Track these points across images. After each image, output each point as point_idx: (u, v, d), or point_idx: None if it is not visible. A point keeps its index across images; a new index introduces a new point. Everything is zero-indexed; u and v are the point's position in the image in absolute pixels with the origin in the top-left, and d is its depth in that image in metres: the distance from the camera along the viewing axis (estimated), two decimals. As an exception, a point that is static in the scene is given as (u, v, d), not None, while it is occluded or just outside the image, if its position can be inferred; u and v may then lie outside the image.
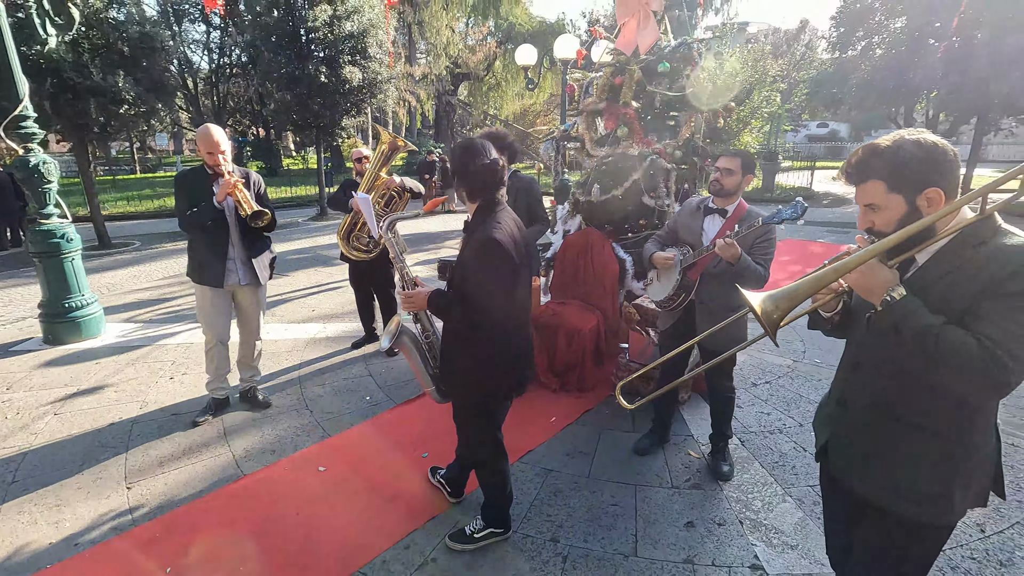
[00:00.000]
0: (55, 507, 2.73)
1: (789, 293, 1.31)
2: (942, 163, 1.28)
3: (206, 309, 3.42)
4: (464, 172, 2.00)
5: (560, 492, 2.83)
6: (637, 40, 3.94)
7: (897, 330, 1.26)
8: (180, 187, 3.29)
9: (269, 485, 2.89)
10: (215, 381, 3.60)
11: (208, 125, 3.21)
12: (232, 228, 3.33)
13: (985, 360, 1.16)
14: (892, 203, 1.33)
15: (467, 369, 2.11)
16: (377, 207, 4.11)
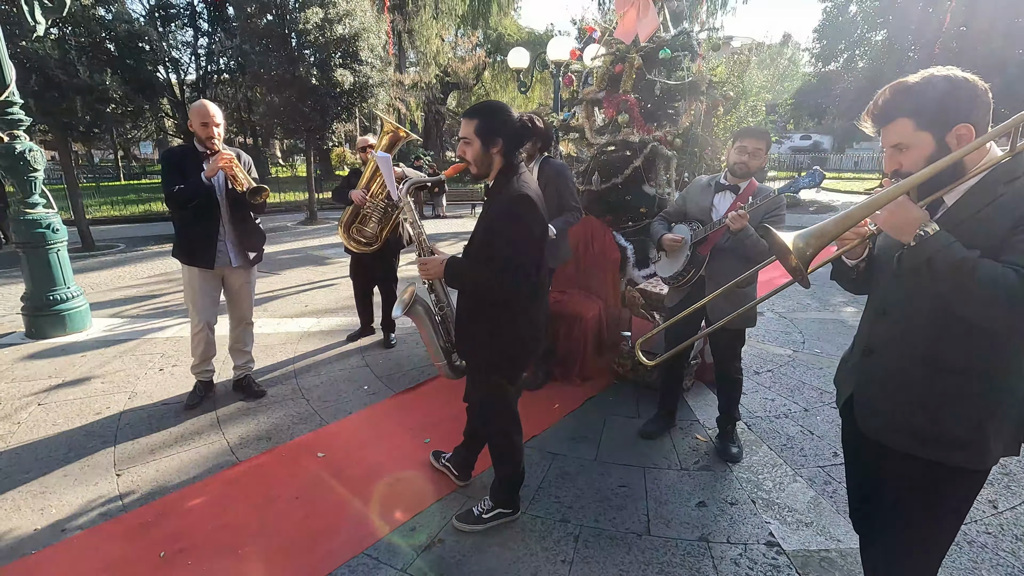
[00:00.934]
0: (40, 494, 2.60)
1: (819, 231, 1.28)
2: (973, 98, 1.24)
3: (194, 291, 3.31)
4: (497, 124, 1.94)
5: (567, 474, 2.76)
6: (637, 29, 3.95)
7: (931, 265, 1.21)
8: (168, 163, 3.16)
9: (266, 470, 2.79)
10: (201, 364, 3.50)
11: (203, 99, 3.13)
12: (223, 207, 3.22)
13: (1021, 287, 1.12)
14: (921, 142, 1.29)
15: (485, 338, 2.05)
16: (377, 199, 4.05)
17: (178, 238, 3.28)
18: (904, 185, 1.21)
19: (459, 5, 24.57)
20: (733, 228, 2.44)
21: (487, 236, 1.94)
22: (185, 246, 3.24)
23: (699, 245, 2.69)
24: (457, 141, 2.06)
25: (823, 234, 1.28)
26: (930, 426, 1.35)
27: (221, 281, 3.41)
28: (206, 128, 3.09)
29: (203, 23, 19.55)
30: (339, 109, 12.02)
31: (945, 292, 1.24)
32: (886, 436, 1.45)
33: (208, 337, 3.43)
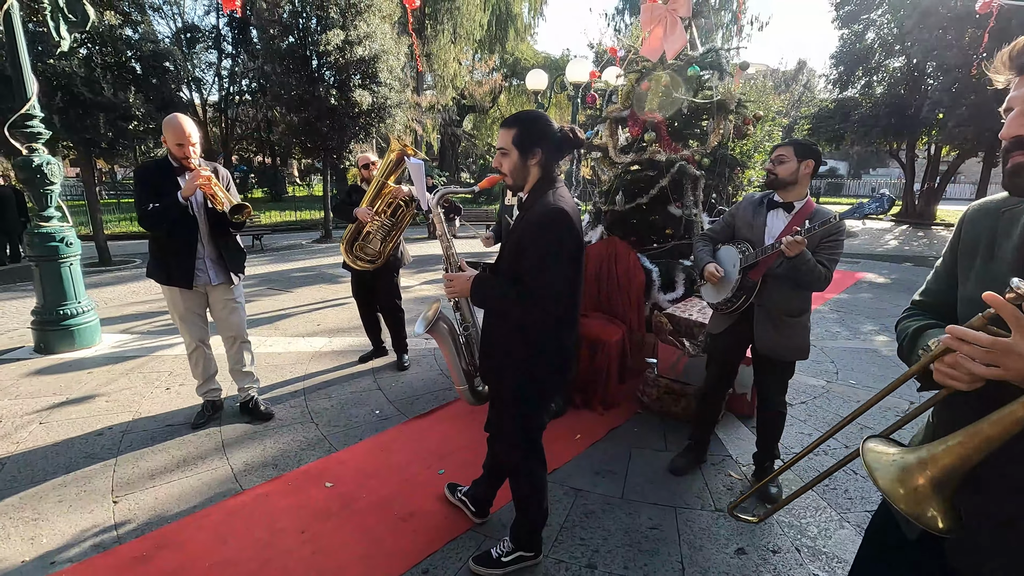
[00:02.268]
0: (32, 521, 2.45)
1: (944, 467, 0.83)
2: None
3: (179, 312, 3.17)
4: (536, 134, 1.82)
5: (592, 513, 2.56)
6: (664, 46, 3.85)
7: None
8: (141, 180, 2.97)
9: (271, 501, 2.62)
10: (204, 384, 3.38)
11: (176, 114, 2.94)
12: (201, 224, 3.07)
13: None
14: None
15: (511, 363, 1.88)
16: (383, 217, 3.95)
17: (153, 257, 3.11)
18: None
19: (477, 30, 24.96)
20: (789, 254, 2.24)
21: (517, 252, 1.79)
22: (162, 266, 3.07)
23: (750, 270, 2.48)
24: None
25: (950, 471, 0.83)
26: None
27: (206, 299, 3.26)
28: (181, 148, 2.92)
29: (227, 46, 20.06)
30: (357, 129, 12.10)
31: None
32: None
33: (205, 354, 3.31)
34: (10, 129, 4.26)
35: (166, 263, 3.06)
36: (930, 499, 0.82)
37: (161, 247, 3.06)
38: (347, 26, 11.18)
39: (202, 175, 2.90)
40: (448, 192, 2.08)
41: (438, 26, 22.48)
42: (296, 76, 11.46)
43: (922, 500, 0.83)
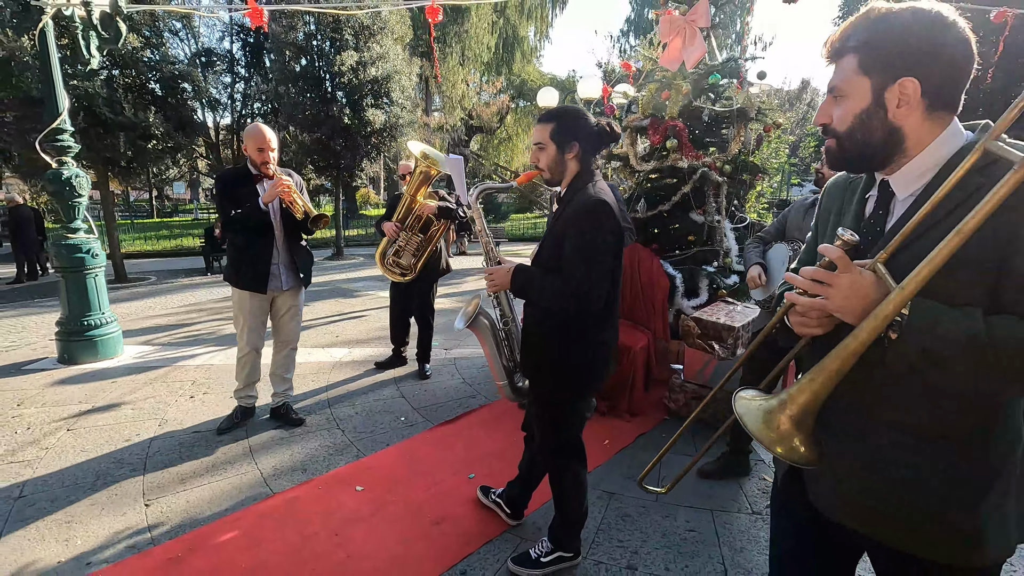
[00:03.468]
0: (65, 524, 2.44)
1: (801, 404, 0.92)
2: (929, 42, 0.90)
3: (244, 315, 3.23)
4: (574, 127, 1.84)
5: (628, 516, 2.52)
6: (683, 56, 3.91)
7: (929, 358, 0.85)
8: (223, 187, 3.15)
9: (302, 504, 2.60)
10: (244, 389, 3.39)
11: (258, 123, 3.15)
12: (277, 231, 3.19)
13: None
14: (857, 91, 0.97)
15: (552, 356, 1.88)
16: (411, 233, 4.00)
17: (232, 263, 3.22)
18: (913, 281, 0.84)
19: (484, 53, 25.44)
20: None
21: (558, 243, 1.80)
22: (240, 270, 3.16)
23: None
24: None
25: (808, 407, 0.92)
26: (904, 510, 0.98)
27: (270, 305, 3.32)
28: (262, 153, 3.09)
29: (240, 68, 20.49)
30: (369, 148, 12.27)
31: (962, 382, 0.88)
32: (847, 519, 1.06)
33: (255, 362, 3.34)
34: (41, 143, 4.35)
35: (243, 268, 3.15)
36: (793, 435, 0.91)
37: (239, 252, 3.16)
38: (360, 47, 11.40)
39: (283, 182, 3.01)
40: (487, 188, 2.10)
41: (447, 49, 22.96)
42: (310, 96, 11.67)
43: (786, 437, 0.92)
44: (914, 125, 0.95)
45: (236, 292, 3.20)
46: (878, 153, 0.99)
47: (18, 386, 4.11)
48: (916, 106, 0.93)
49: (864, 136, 0.98)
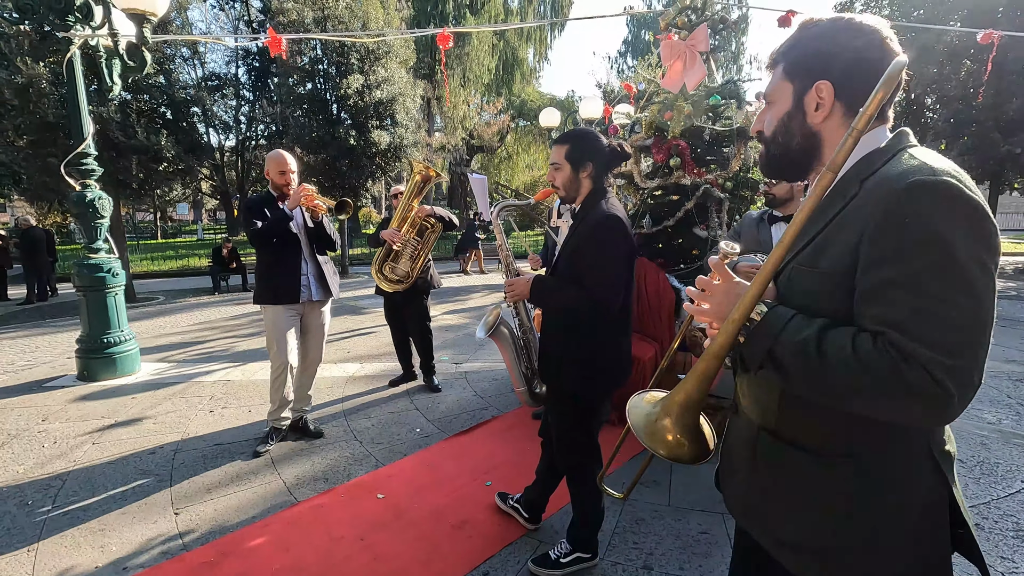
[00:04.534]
0: (99, 531, 2.53)
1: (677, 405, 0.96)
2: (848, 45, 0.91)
3: (279, 332, 3.30)
4: (588, 149, 1.98)
5: (642, 520, 2.61)
6: (684, 79, 4.08)
7: (775, 361, 0.87)
8: (249, 210, 3.29)
9: (327, 511, 2.69)
10: (278, 410, 3.43)
11: (279, 149, 3.33)
12: (304, 243, 3.34)
13: (887, 361, 0.76)
14: (782, 95, 1.00)
15: (569, 362, 2.00)
16: (409, 235, 4.12)
17: (262, 280, 3.33)
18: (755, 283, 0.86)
19: (485, 75, 25.94)
20: None
21: (575, 256, 1.93)
22: (271, 286, 3.28)
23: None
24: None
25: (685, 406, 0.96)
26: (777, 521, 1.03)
27: (300, 320, 3.44)
28: (283, 176, 3.27)
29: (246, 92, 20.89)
30: (374, 168, 12.50)
31: (804, 393, 0.90)
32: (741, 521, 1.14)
33: (286, 380, 3.39)
34: (66, 167, 4.51)
35: (274, 283, 3.27)
36: (672, 434, 0.95)
37: (269, 267, 3.29)
38: (366, 71, 11.70)
39: (305, 187, 3.21)
40: (507, 205, 2.24)
41: (448, 71, 23.38)
42: (316, 119, 11.94)
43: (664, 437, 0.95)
44: (831, 130, 0.96)
45: (268, 310, 3.30)
46: (798, 158, 1.01)
47: (41, 403, 4.21)
48: (833, 110, 0.94)
49: (785, 139, 1.00)
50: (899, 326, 0.77)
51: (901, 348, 0.76)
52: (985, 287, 0.77)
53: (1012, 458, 3.20)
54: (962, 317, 0.75)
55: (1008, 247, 20.11)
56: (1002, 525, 2.54)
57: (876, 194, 0.84)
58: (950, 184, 0.78)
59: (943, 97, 12.76)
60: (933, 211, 0.77)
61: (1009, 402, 4.13)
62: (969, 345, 0.75)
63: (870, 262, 0.81)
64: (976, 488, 2.87)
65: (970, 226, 0.77)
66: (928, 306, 0.76)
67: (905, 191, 0.79)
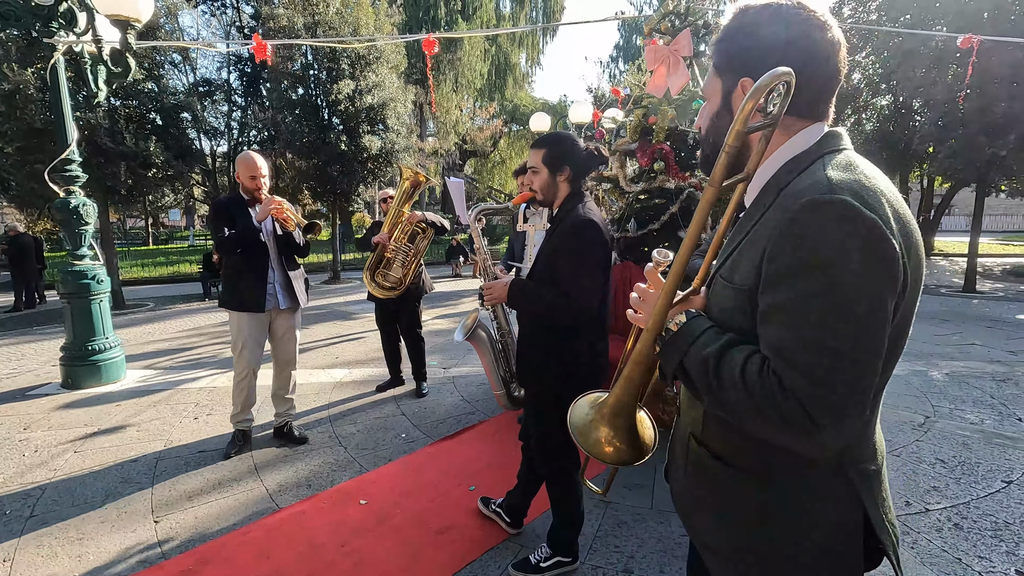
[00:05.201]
0: (77, 540, 2.51)
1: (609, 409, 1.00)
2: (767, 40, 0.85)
3: (244, 338, 3.30)
4: (564, 152, 1.99)
5: (624, 523, 2.61)
6: (668, 83, 4.11)
7: (685, 373, 0.88)
8: (218, 213, 3.24)
9: (309, 518, 2.68)
10: (242, 413, 3.44)
11: (249, 151, 3.29)
12: (272, 252, 3.31)
13: (766, 391, 0.75)
14: (713, 92, 0.96)
15: (546, 364, 2.00)
16: (401, 242, 4.11)
17: (228, 286, 3.31)
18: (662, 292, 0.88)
19: (477, 80, 26.02)
20: None
21: (552, 259, 1.94)
22: (237, 292, 3.26)
23: None
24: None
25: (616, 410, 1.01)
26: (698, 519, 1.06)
27: (268, 326, 3.42)
28: (254, 180, 3.23)
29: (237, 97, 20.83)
30: (365, 173, 12.49)
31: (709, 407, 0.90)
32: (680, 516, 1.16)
33: (252, 383, 3.40)
34: (50, 173, 4.49)
35: (239, 289, 3.24)
36: (604, 435, 1.00)
37: (237, 273, 3.25)
38: (357, 76, 11.70)
39: (275, 200, 3.17)
40: (485, 209, 2.24)
41: (440, 76, 23.45)
42: (308, 124, 11.92)
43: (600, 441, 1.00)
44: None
45: (234, 315, 3.28)
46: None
47: (23, 411, 4.17)
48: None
49: (715, 139, 0.94)
50: (781, 353, 0.75)
51: (781, 376, 0.74)
52: (872, 314, 0.73)
53: (993, 458, 3.23)
54: (841, 346, 0.72)
55: (996, 248, 20.32)
56: (980, 524, 2.56)
57: (779, 210, 0.80)
58: (845, 203, 0.73)
59: (930, 100, 12.88)
60: (823, 233, 0.73)
61: (992, 402, 4.17)
62: (843, 376, 0.72)
63: (766, 283, 0.79)
64: (956, 488, 2.89)
65: (863, 249, 0.72)
66: (807, 334, 0.73)
67: (799, 210, 0.75)
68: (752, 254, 0.83)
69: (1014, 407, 4.05)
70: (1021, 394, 4.35)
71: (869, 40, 15.77)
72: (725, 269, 0.90)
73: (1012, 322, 7.45)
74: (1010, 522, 2.58)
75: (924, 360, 5.35)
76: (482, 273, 2.17)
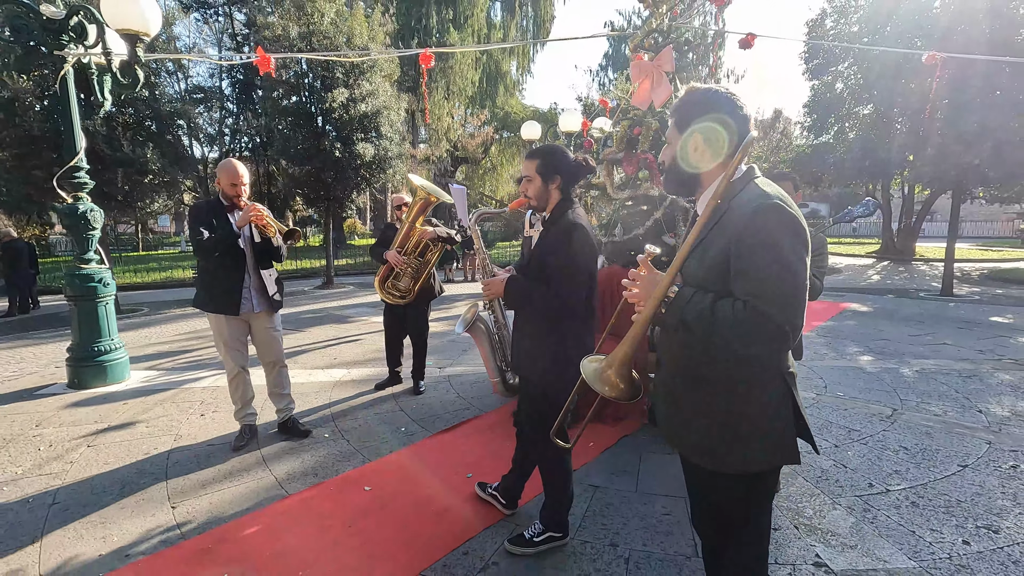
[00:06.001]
0: (100, 524, 2.68)
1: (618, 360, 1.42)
2: (708, 109, 1.38)
3: (224, 337, 3.44)
4: (556, 163, 2.22)
5: (611, 504, 2.83)
6: (652, 96, 4.36)
7: (684, 324, 1.31)
8: (196, 217, 3.34)
9: (317, 503, 2.87)
10: (243, 408, 3.61)
11: (230, 159, 3.41)
12: (248, 257, 3.42)
13: (751, 317, 1.21)
14: (673, 139, 1.47)
15: (539, 355, 2.22)
16: (411, 258, 4.33)
17: (203, 288, 3.40)
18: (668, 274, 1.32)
19: (468, 87, 26.29)
20: None
21: (543, 259, 2.17)
22: (211, 295, 3.36)
23: None
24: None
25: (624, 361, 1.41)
26: (685, 431, 1.49)
27: (248, 327, 3.56)
28: (235, 187, 3.34)
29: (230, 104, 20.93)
30: (359, 180, 12.67)
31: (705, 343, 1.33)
32: (670, 441, 1.60)
33: (244, 379, 3.56)
34: (59, 180, 4.65)
35: (215, 293, 3.37)
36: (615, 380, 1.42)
37: (212, 277, 3.38)
38: (350, 85, 11.91)
39: (255, 207, 3.30)
40: (485, 212, 2.47)
41: (432, 84, 23.68)
42: (302, 131, 12.09)
43: (610, 382, 1.42)
44: (704, 165, 1.42)
45: (212, 317, 3.41)
46: (687, 182, 1.48)
47: (33, 409, 4.31)
48: (704, 152, 1.40)
49: (675, 171, 1.47)
50: (759, 295, 1.23)
51: (757, 308, 1.22)
52: (801, 264, 1.25)
53: (952, 445, 3.49)
54: (790, 288, 1.23)
55: (975, 254, 20.85)
56: (935, 503, 2.80)
57: (737, 212, 1.31)
58: (779, 206, 1.27)
59: (907, 111, 13.32)
60: (767, 223, 1.26)
61: (956, 396, 4.44)
62: (795, 301, 1.23)
63: (737, 255, 1.29)
64: (916, 472, 3.14)
65: (791, 231, 1.26)
66: (770, 283, 1.23)
67: (752, 212, 1.27)
68: (719, 243, 1.31)
69: (976, 400, 4.33)
70: (984, 389, 4.64)
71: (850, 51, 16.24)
72: (698, 253, 1.38)
73: (984, 323, 7.78)
74: (962, 500, 2.82)
75: (897, 359, 5.63)
76: (481, 270, 2.39)
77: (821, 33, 17.87)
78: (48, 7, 4.45)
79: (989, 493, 2.89)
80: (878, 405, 4.24)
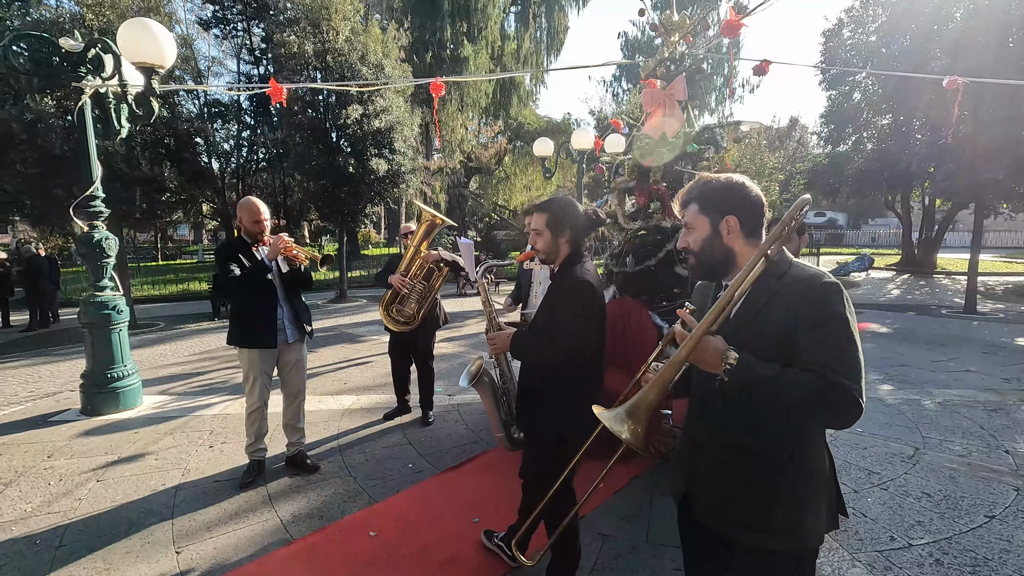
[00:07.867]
0: (104, 571, 2.67)
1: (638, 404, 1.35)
2: (738, 196, 1.47)
3: (254, 373, 3.47)
4: (565, 218, 2.19)
5: (620, 556, 2.75)
6: (664, 126, 4.31)
7: (748, 394, 1.32)
8: (224, 258, 3.40)
9: (321, 549, 2.83)
10: (255, 443, 3.61)
11: (250, 197, 3.47)
12: (279, 288, 3.49)
13: (824, 387, 1.25)
14: (700, 225, 1.51)
15: (544, 412, 2.17)
16: (416, 281, 4.30)
17: (237, 325, 3.46)
18: (700, 329, 1.32)
19: (482, 99, 26.45)
20: None
21: (551, 314, 2.12)
22: (248, 330, 3.43)
23: None
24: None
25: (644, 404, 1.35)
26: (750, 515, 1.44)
27: (276, 359, 3.59)
28: (257, 224, 3.43)
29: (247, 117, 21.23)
30: (372, 194, 12.75)
31: (767, 409, 1.35)
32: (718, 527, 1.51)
33: (264, 415, 3.58)
34: (75, 209, 4.71)
35: (250, 327, 3.42)
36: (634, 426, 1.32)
37: (248, 313, 3.43)
38: (365, 101, 12.00)
39: (283, 238, 3.37)
40: (493, 265, 2.43)
41: (446, 95, 23.83)
42: (317, 147, 12.21)
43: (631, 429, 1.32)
44: (739, 247, 1.48)
45: (244, 352, 3.46)
46: (719, 265, 1.51)
47: (46, 438, 4.35)
48: (738, 234, 1.47)
49: (709, 254, 1.51)
50: (825, 365, 1.28)
51: (827, 379, 1.26)
52: (856, 335, 1.32)
53: (977, 491, 3.35)
54: (856, 358, 1.30)
55: (998, 267, 20.35)
56: (960, 560, 2.68)
57: (797, 288, 1.36)
58: (838, 284, 1.36)
59: (927, 124, 13.09)
60: (833, 298, 1.33)
61: (981, 433, 4.29)
62: (860, 373, 1.29)
63: (806, 328, 1.33)
64: (940, 523, 3.02)
65: (847, 304, 1.34)
66: (839, 353, 1.29)
67: (820, 287, 1.34)
68: (778, 316, 1.36)
69: (1002, 439, 4.17)
70: (1011, 425, 4.47)
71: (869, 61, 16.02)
72: (756, 324, 1.40)
73: (1010, 347, 7.55)
74: (989, 558, 2.70)
75: (918, 388, 5.47)
76: (488, 324, 2.35)
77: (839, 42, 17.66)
78: (67, 40, 4.53)
79: (1017, 550, 2.77)
80: (899, 443, 4.11)
